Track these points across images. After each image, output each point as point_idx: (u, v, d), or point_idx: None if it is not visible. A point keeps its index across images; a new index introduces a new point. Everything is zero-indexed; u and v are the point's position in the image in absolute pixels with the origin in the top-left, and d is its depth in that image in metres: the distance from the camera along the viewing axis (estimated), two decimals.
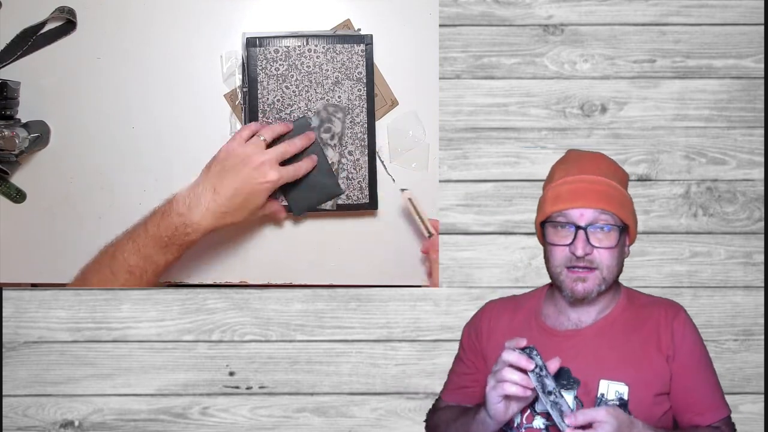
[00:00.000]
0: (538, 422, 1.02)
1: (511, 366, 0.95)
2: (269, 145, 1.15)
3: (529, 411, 1.03)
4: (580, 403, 1.01)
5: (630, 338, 1.04)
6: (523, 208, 1.26)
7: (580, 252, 1.01)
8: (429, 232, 1.18)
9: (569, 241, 1.02)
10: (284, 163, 1.15)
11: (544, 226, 1.06)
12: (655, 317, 1.05)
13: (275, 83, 1.23)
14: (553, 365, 0.96)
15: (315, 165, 1.19)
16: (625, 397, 1.00)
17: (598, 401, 1.00)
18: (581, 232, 1.01)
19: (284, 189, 1.20)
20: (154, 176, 1.26)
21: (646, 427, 0.96)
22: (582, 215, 1.02)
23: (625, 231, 1.05)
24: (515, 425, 1.03)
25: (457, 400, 1.15)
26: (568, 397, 1.01)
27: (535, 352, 0.96)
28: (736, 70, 1.27)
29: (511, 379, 0.94)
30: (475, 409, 1.03)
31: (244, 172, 1.09)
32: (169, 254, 1.07)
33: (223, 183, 1.08)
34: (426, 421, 1.19)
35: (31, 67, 1.24)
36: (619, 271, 1.06)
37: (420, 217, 1.18)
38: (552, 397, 0.94)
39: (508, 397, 0.96)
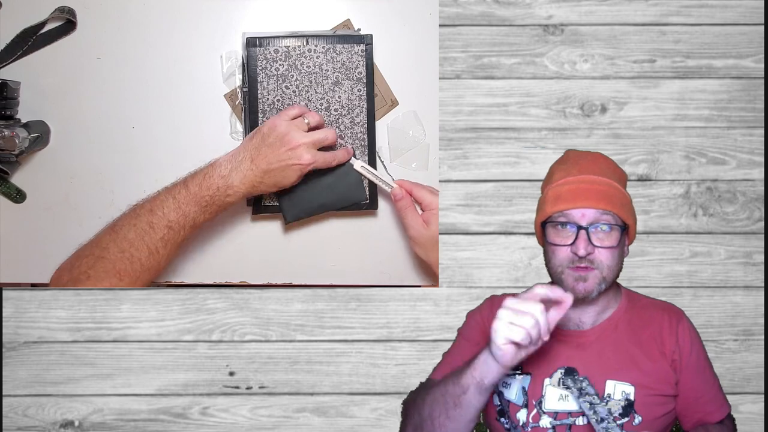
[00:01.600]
0: (545, 421, 1.03)
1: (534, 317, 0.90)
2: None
3: (536, 410, 1.03)
4: None
5: (633, 340, 1.05)
6: (523, 208, 1.26)
7: (582, 252, 1.01)
8: (390, 185, 1.20)
9: (570, 241, 1.02)
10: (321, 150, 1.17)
11: (544, 227, 1.06)
12: (657, 321, 1.06)
13: (275, 83, 1.23)
14: (567, 300, 0.93)
15: (350, 157, 1.21)
16: (632, 398, 1.01)
17: (605, 401, 1.01)
18: (583, 232, 1.01)
19: (281, 192, 1.20)
20: (154, 176, 1.26)
21: None
22: (583, 215, 1.02)
23: (625, 231, 1.05)
24: (521, 424, 1.04)
25: None
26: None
27: (586, 383, 0.95)
28: (736, 70, 1.27)
29: (527, 326, 0.89)
30: (474, 356, 0.97)
31: (280, 150, 1.12)
32: (207, 213, 1.12)
33: (260, 156, 1.12)
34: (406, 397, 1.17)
35: (31, 67, 1.24)
36: (620, 270, 1.06)
37: (377, 177, 1.21)
38: (604, 424, 0.94)
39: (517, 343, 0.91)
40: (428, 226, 1.15)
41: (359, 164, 1.22)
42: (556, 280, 1.05)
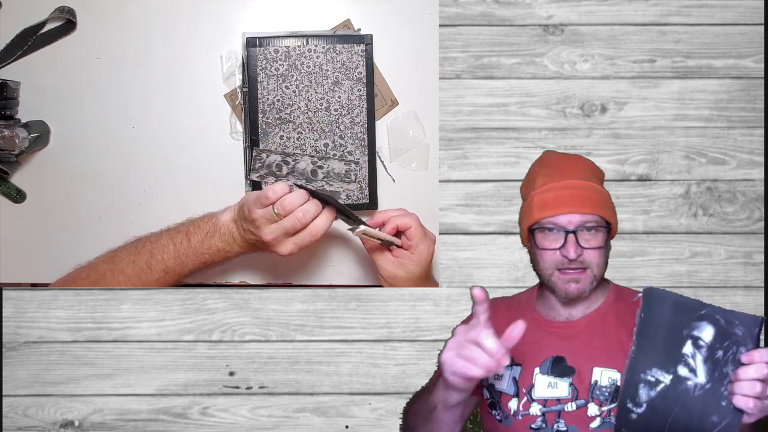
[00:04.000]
0: (535, 409, 1.05)
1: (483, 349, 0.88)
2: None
3: (526, 398, 1.06)
4: (575, 391, 1.04)
5: (620, 329, 1.07)
6: None
7: (572, 255, 1.04)
8: (396, 244, 1.13)
9: (559, 244, 1.06)
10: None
11: (531, 231, 1.09)
12: None
13: (275, 83, 1.23)
14: (517, 329, 0.89)
15: (334, 219, 1.09)
16: (619, 383, 1.03)
17: (592, 388, 1.03)
18: (571, 236, 1.05)
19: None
20: (154, 176, 1.26)
21: None
22: (570, 221, 1.06)
23: (609, 229, 1.09)
24: (512, 413, 1.06)
25: None
26: (563, 384, 1.05)
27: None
28: (736, 70, 1.27)
29: (481, 363, 0.87)
30: (436, 378, 1.00)
31: (258, 243, 1.09)
32: (205, 266, 1.14)
33: (246, 240, 1.10)
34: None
35: (31, 67, 1.24)
36: (606, 266, 1.09)
37: (382, 239, 1.11)
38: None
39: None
40: (403, 267, 1.11)
41: (359, 232, 1.10)
42: (545, 282, 1.09)
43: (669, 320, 0.91)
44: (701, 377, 0.89)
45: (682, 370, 0.90)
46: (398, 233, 1.12)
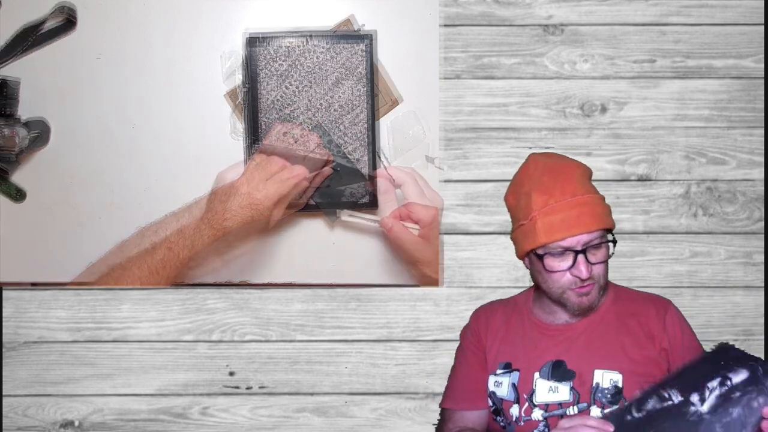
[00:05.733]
0: (537, 414, 1.05)
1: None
2: None
3: (527, 404, 1.06)
4: (577, 394, 1.04)
5: (620, 330, 1.07)
6: None
7: (585, 274, 1.02)
8: (376, 220, 1.18)
9: (568, 264, 1.03)
10: None
11: (535, 253, 1.05)
12: (644, 311, 1.08)
13: (276, 82, 1.23)
14: None
15: (326, 159, 1.20)
16: (620, 385, 1.03)
17: (594, 390, 1.03)
18: (581, 256, 1.02)
19: (317, 200, 1.21)
20: (154, 176, 1.26)
21: None
22: (578, 241, 1.03)
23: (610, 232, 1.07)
24: (514, 419, 1.06)
25: (464, 407, 1.14)
26: (564, 388, 1.04)
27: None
28: (736, 70, 1.27)
29: None
30: None
31: (273, 169, 1.15)
32: (206, 236, 1.14)
33: (255, 178, 1.15)
34: None
35: (31, 66, 1.24)
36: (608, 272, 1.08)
37: (364, 218, 1.19)
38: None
39: None
40: (429, 242, 1.13)
41: (346, 214, 1.20)
42: (555, 299, 1.07)
43: (718, 364, 0.95)
44: (705, 407, 0.92)
45: (694, 397, 0.92)
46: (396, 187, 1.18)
